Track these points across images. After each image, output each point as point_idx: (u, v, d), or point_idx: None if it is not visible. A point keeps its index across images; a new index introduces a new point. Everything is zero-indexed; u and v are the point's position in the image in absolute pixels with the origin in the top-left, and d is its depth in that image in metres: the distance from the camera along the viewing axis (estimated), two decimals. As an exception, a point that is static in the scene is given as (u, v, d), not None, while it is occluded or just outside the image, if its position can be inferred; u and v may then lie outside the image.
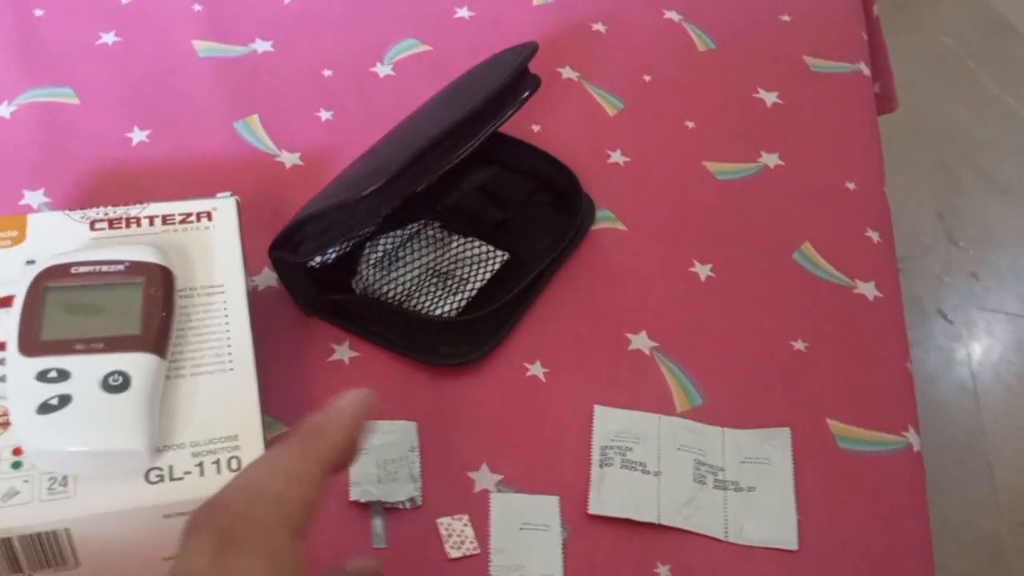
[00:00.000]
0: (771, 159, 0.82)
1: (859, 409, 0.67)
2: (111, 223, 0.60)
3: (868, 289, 0.74)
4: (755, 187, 0.80)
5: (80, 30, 0.83)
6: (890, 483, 0.64)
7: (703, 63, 0.89)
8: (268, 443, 0.53)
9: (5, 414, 0.50)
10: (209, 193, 0.62)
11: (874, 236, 0.78)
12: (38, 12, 0.84)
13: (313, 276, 0.65)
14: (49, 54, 0.81)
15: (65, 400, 0.49)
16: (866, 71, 0.91)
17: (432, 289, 0.68)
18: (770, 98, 0.87)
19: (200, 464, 0.50)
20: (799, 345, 0.70)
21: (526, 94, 0.66)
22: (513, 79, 0.65)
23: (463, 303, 0.68)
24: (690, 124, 0.83)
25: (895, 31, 1.05)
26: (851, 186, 0.81)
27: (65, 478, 0.49)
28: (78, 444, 0.48)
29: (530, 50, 0.67)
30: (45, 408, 0.48)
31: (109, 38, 0.82)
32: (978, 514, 1.43)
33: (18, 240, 0.58)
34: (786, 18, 0.94)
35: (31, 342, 0.51)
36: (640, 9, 0.93)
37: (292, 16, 0.87)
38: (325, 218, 0.60)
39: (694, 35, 0.91)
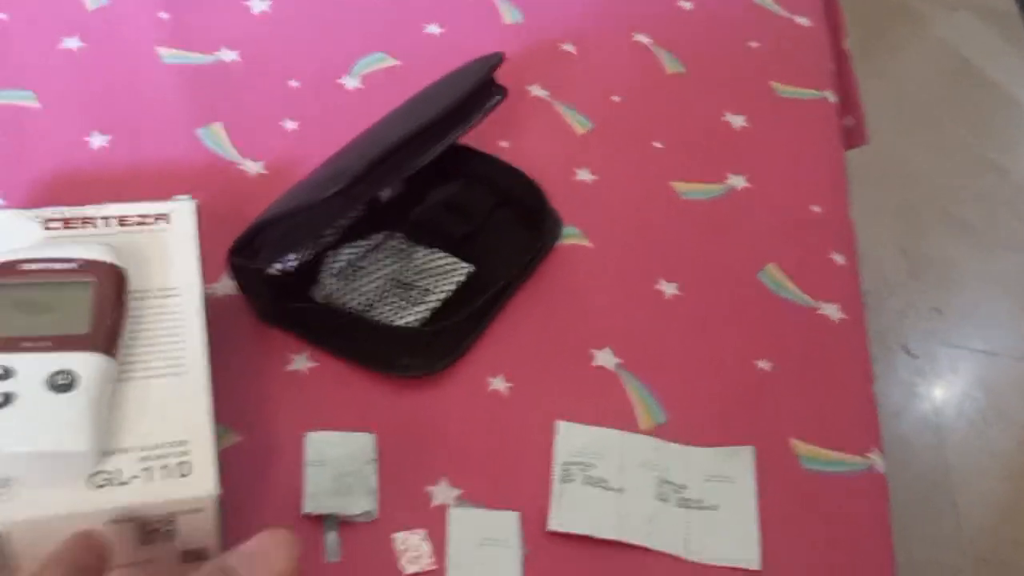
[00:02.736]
0: (738, 181, 0.82)
1: (823, 429, 0.67)
2: (66, 223, 0.58)
3: (832, 311, 0.74)
4: (721, 208, 0.80)
5: (44, 35, 0.82)
6: (853, 504, 0.64)
7: (672, 86, 0.89)
8: (221, 452, 0.51)
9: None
10: (169, 198, 0.61)
11: (839, 259, 0.78)
12: (2, 16, 0.82)
13: (273, 284, 0.64)
14: (11, 58, 0.80)
15: (9, 398, 0.47)
16: (832, 98, 0.92)
17: (394, 300, 0.67)
18: (737, 121, 0.87)
19: (148, 469, 0.49)
20: (763, 365, 0.70)
21: (491, 103, 0.65)
22: (477, 88, 0.64)
23: (426, 314, 0.67)
24: (658, 145, 0.83)
25: (860, 76, 1.07)
26: (816, 209, 0.81)
27: (6, 480, 0.47)
28: (21, 444, 0.46)
29: (495, 61, 0.66)
30: (-13, 406, 0.47)
31: (73, 43, 0.81)
32: (941, 549, 1.43)
33: (-32, 237, 0.56)
34: (754, 44, 0.95)
35: (-25, 339, 0.49)
36: (610, 31, 0.93)
37: (260, 26, 0.86)
38: (285, 222, 0.59)
39: (663, 58, 0.92)
